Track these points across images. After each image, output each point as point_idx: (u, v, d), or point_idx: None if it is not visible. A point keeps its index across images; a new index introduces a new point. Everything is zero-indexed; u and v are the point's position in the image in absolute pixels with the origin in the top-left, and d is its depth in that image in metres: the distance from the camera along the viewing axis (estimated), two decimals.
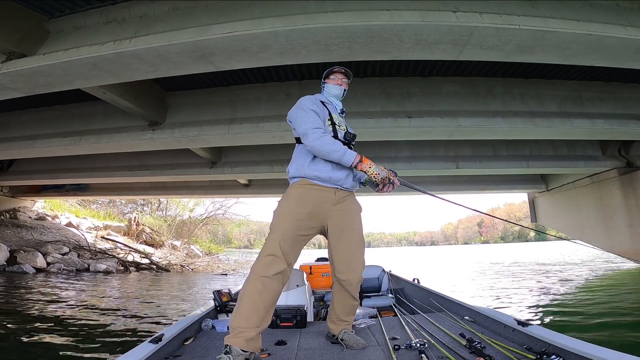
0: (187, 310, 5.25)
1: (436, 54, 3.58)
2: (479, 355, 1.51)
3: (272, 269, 1.58)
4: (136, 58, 3.62)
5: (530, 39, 3.32)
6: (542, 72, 5.74)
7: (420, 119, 5.54)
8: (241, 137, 5.92)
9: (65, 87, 4.26)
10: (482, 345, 1.59)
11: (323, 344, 1.85)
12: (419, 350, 1.59)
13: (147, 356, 1.44)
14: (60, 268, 9.23)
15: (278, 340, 1.87)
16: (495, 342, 1.65)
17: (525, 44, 3.40)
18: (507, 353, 1.51)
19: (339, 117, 1.89)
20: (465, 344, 1.65)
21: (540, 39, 3.31)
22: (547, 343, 1.50)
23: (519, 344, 1.65)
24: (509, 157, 8.00)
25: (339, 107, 1.97)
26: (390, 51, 3.48)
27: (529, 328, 1.69)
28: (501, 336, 1.80)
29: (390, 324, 2.21)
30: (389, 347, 1.66)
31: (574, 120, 5.73)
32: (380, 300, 3.52)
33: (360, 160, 1.68)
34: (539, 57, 3.65)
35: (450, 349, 1.63)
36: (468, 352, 1.58)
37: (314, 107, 1.77)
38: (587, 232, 9.23)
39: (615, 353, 1.27)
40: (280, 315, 2.16)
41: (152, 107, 5.80)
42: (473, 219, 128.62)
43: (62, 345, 3.31)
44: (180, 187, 11.50)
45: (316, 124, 1.70)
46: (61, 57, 3.74)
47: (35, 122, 6.87)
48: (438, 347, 1.65)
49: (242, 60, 3.53)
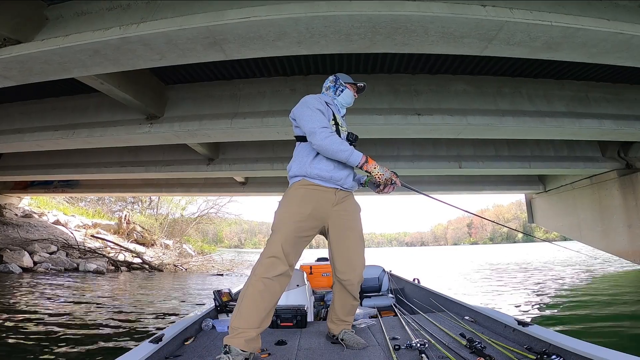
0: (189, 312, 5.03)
1: (460, 49, 3.47)
2: (479, 355, 1.51)
3: (274, 271, 1.58)
4: (143, 44, 3.40)
5: (560, 36, 3.26)
6: (552, 72, 5.72)
7: (429, 116, 5.44)
8: (244, 132, 5.71)
9: (62, 75, 3.99)
10: (482, 345, 1.58)
11: (323, 344, 1.85)
12: (419, 350, 1.58)
13: (148, 356, 1.43)
14: (48, 267, 8.82)
15: (278, 340, 1.86)
16: (495, 342, 1.66)
17: (554, 41, 3.34)
18: (507, 353, 1.51)
19: (341, 119, 1.91)
20: (466, 344, 1.64)
21: (571, 36, 3.25)
22: (548, 343, 1.49)
23: (519, 344, 1.65)
24: (511, 157, 8.00)
25: (343, 112, 2.00)
26: (413, 44, 3.34)
27: (529, 328, 1.68)
28: (501, 336, 1.80)
29: (390, 324, 2.20)
30: (389, 347, 1.66)
31: (583, 120, 5.72)
32: (381, 300, 3.50)
33: (366, 160, 1.70)
34: (564, 54, 3.59)
35: (450, 349, 1.63)
36: (468, 352, 1.58)
37: (320, 106, 1.77)
38: (585, 232, 9.30)
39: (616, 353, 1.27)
40: (281, 315, 2.15)
41: (150, 99, 5.55)
42: (463, 220, 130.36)
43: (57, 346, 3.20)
44: (175, 185, 11.19)
45: (323, 124, 1.70)
46: (60, 43, 3.50)
47: (25, 115, 6.54)
48: (438, 347, 1.65)
49: (255, 48, 3.34)
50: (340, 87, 1.97)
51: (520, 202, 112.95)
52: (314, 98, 1.82)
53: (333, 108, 1.88)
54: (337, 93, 1.96)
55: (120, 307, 5.24)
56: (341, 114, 1.97)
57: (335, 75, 2.00)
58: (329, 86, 2.00)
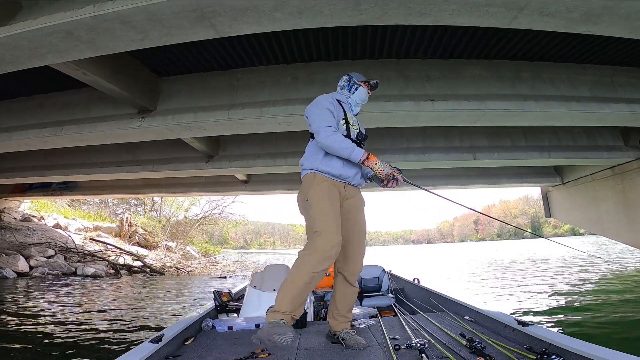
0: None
1: (484, 20, 3.02)
2: (479, 355, 1.51)
3: (323, 267, 1.68)
4: (121, 22, 2.99)
5: (600, 7, 2.82)
6: (573, 55, 5.28)
7: (444, 102, 5.00)
8: (242, 124, 5.30)
9: (36, 62, 3.61)
10: (482, 345, 1.58)
11: (323, 343, 1.86)
12: (419, 350, 1.58)
13: (148, 356, 1.43)
14: (44, 272, 8.51)
15: None
16: (495, 342, 1.65)
17: (594, 12, 2.89)
18: (507, 353, 1.51)
19: (352, 117, 2.00)
20: (466, 344, 1.64)
21: (614, 7, 2.81)
22: (548, 343, 1.49)
23: (519, 344, 1.65)
24: (529, 148, 7.51)
25: (356, 110, 2.09)
26: (431, 13, 2.90)
27: (529, 328, 1.68)
28: (501, 336, 1.81)
29: (390, 323, 2.21)
30: (389, 347, 1.66)
31: (611, 104, 5.25)
32: (381, 300, 3.50)
33: (367, 157, 1.80)
34: (603, 28, 3.13)
35: (450, 349, 1.62)
36: (468, 352, 1.57)
37: (330, 106, 1.87)
38: (607, 226, 8.78)
39: (616, 353, 1.26)
40: None
41: (141, 91, 5.16)
42: (469, 217, 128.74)
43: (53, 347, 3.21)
44: (175, 185, 10.88)
45: (328, 122, 1.81)
46: (28, 26, 3.12)
47: (12, 113, 6.20)
48: (438, 347, 1.65)
49: (250, 22, 2.91)
50: (354, 85, 2.07)
51: (527, 198, 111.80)
52: (325, 98, 1.93)
53: (345, 106, 1.97)
54: (352, 91, 2.06)
55: (113, 316, 4.96)
56: (354, 112, 2.06)
57: (349, 75, 2.10)
58: (343, 85, 2.09)
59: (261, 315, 2.26)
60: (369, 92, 2.12)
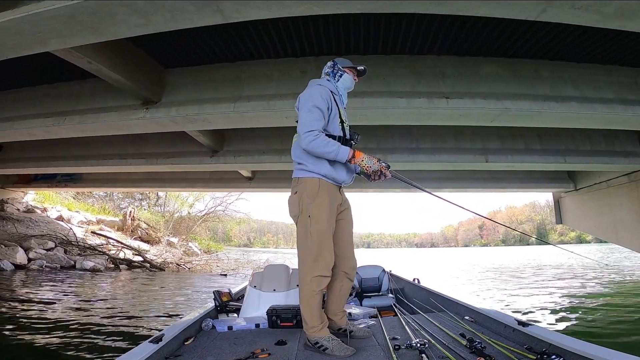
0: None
1: (509, 11, 2.84)
2: (479, 355, 1.50)
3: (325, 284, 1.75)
4: (123, 5, 2.84)
5: (637, 2, 2.65)
6: (598, 55, 5.05)
7: (460, 100, 4.80)
8: (248, 117, 5.14)
9: (38, 48, 3.48)
10: (482, 345, 1.58)
11: None
12: (420, 350, 1.57)
13: (148, 356, 1.43)
14: (43, 265, 8.39)
15: (278, 340, 1.85)
16: (495, 342, 1.65)
17: (629, 7, 2.73)
18: (507, 353, 1.51)
19: (344, 112, 1.95)
20: (466, 344, 1.64)
21: None
22: (548, 343, 1.49)
23: (520, 344, 1.65)
24: (543, 152, 7.26)
25: (345, 101, 2.03)
26: (452, 1, 2.70)
27: (529, 328, 1.68)
28: (501, 336, 1.80)
29: (390, 324, 2.21)
30: (389, 347, 1.65)
31: (636, 107, 5.01)
32: (381, 300, 3.49)
33: (353, 155, 1.76)
34: (636, 24, 2.95)
35: (450, 349, 1.62)
36: (468, 352, 1.57)
37: (323, 103, 1.77)
38: (622, 234, 8.48)
39: (616, 353, 1.26)
40: (281, 315, 2.16)
41: (146, 82, 5.04)
42: (474, 222, 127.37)
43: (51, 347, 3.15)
44: (179, 180, 10.75)
45: (312, 126, 1.71)
46: (29, 10, 2.99)
47: (17, 102, 6.14)
48: (438, 347, 1.65)
49: (259, 6, 2.74)
50: (338, 72, 1.97)
51: (534, 204, 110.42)
52: (319, 91, 1.80)
53: (337, 99, 1.90)
54: (336, 78, 1.97)
55: (114, 310, 4.84)
56: (344, 105, 1.99)
57: (333, 61, 2.01)
58: (327, 72, 2.01)
59: (261, 315, 2.28)
60: (355, 79, 2.03)
